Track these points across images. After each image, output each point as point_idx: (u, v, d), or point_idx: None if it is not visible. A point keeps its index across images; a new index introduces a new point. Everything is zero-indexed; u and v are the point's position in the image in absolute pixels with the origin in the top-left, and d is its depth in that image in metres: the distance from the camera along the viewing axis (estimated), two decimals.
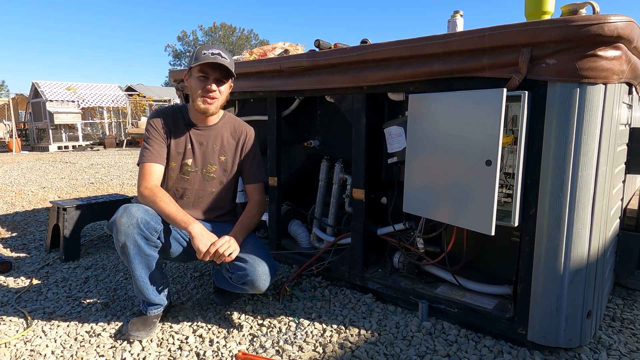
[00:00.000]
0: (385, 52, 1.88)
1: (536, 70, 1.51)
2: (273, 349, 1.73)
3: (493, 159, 1.52)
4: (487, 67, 1.61)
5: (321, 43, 2.29)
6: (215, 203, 2.01)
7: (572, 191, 1.50)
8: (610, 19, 1.36)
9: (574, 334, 1.60)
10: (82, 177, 6.89)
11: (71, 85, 14.99)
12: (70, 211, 2.81)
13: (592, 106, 1.45)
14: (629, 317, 1.98)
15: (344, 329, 1.87)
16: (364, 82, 2.00)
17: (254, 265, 1.75)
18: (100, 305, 2.11)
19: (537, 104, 1.54)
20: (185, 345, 1.77)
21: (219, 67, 1.81)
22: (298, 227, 2.75)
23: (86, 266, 2.68)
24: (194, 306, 2.11)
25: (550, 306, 1.58)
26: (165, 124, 1.92)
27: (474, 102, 1.58)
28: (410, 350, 1.70)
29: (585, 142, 1.47)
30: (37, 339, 1.82)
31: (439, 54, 1.72)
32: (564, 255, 1.54)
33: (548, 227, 1.55)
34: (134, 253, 1.70)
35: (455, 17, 2.07)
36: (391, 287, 2.09)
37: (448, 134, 1.68)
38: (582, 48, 1.42)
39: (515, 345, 1.71)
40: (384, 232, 2.24)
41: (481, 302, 1.86)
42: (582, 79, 1.43)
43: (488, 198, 1.55)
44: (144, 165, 1.87)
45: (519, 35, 1.50)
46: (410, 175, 1.86)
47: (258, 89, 2.48)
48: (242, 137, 2.02)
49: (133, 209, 1.69)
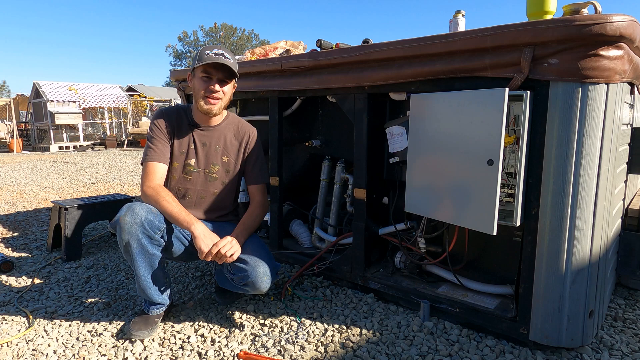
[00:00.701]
0: (387, 52, 1.88)
1: (538, 69, 1.51)
2: (275, 349, 1.73)
3: (495, 159, 1.52)
4: (489, 67, 1.61)
5: (323, 43, 2.29)
6: (218, 203, 2.01)
7: (574, 191, 1.50)
8: (613, 19, 1.36)
9: (576, 334, 1.60)
10: (83, 177, 6.89)
11: (72, 86, 15.00)
12: (72, 211, 2.81)
13: (594, 106, 1.45)
14: (631, 317, 1.98)
15: (345, 328, 1.88)
16: (366, 82, 2.00)
17: (255, 266, 1.75)
18: (102, 305, 2.12)
19: (539, 103, 1.54)
20: (187, 345, 1.77)
21: (222, 67, 1.82)
22: (299, 227, 2.75)
23: (88, 266, 2.68)
24: (196, 306, 2.11)
25: (552, 306, 1.58)
26: (169, 124, 1.92)
27: (476, 102, 1.58)
28: (412, 350, 1.70)
29: (588, 142, 1.47)
30: (39, 338, 1.82)
31: (441, 53, 1.72)
32: (566, 255, 1.54)
33: (550, 227, 1.55)
34: (137, 252, 1.71)
35: (457, 16, 2.07)
36: (393, 286, 2.09)
37: (450, 134, 1.68)
38: (584, 48, 1.42)
39: (517, 345, 1.71)
40: (386, 232, 2.24)
41: (483, 302, 1.86)
42: (584, 78, 1.43)
43: (490, 198, 1.55)
44: (148, 164, 1.87)
45: (521, 34, 1.50)
46: (411, 175, 1.86)
47: (260, 88, 2.48)
48: (245, 137, 2.02)
49: (137, 207, 1.70)
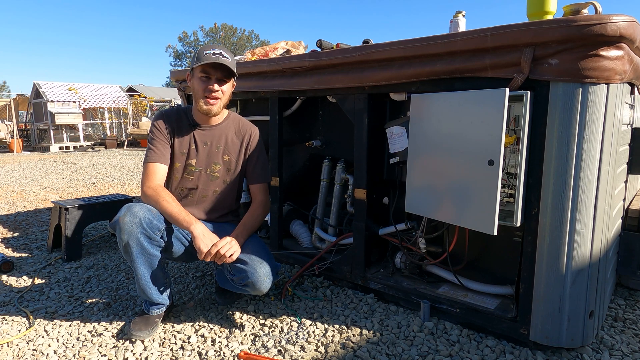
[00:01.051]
0: (387, 52, 1.88)
1: (539, 70, 1.51)
2: (275, 349, 1.73)
3: (495, 159, 1.52)
4: (490, 67, 1.61)
5: (323, 43, 2.29)
6: (219, 203, 2.01)
7: (575, 191, 1.50)
8: (613, 19, 1.36)
9: (576, 334, 1.60)
10: (84, 177, 6.89)
11: (72, 86, 15.01)
12: (72, 211, 2.81)
13: (595, 106, 1.45)
14: (631, 317, 1.98)
15: (345, 328, 1.88)
16: (366, 82, 2.00)
17: (255, 267, 1.75)
18: (102, 305, 2.12)
19: (539, 103, 1.54)
20: (188, 345, 1.77)
21: (221, 67, 1.82)
22: (300, 227, 2.75)
23: (88, 266, 2.68)
24: (196, 306, 2.11)
25: (552, 306, 1.58)
26: (169, 125, 1.92)
27: (476, 102, 1.58)
28: (412, 350, 1.70)
29: (588, 142, 1.47)
30: (40, 338, 1.82)
31: (441, 54, 1.72)
32: (566, 255, 1.54)
33: (550, 227, 1.55)
34: (137, 252, 1.71)
35: (458, 17, 2.07)
36: (393, 287, 2.09)
37: (450, 134, 1.68)
38: (585, 48, 1.42)
39: (517, 346, 1.71)
40: (386, 232, 2.24)
41: (483, 302, 1.86)
42: (585, 79, 1.43)
43: (490, 198, 1.55)
44: (148, 165, 1.87)
45: (521, 35, 1.50)
46: (412, 175, 1.86)
47: (260, 89, 2.48)
48: (247, 136, 2.02)
49: (136, 208, 1.70)
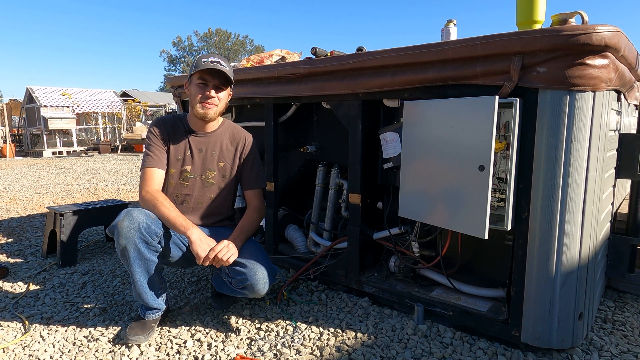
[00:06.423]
0: (380, 60, 1.92)
1: (527, 77, 1.55)
2: (271, 353, 1.75)
3: (486, 164, 1.56)
4: (480, 75, 1.65)
5: (318, 50, 2.33)
6: (214, 209, 2.03)
7: (563, 195, 1.54)
8: (598, 29, 1.41)
9: (566, 336, 1.63)
10: (77, 182, 6.86)
11: (66, 91, 14.96)
12: (67, 217, 2.81)
13: (582, 113, 1.50)
14: (620, 319, 2.01)
15: (340, 332, 1.90)
16: (360, 89, 2.03)
17: (253, 269, 1.77)
18: (98, 310, 2.12)
19: (528, 110, 1.58)
20: (184, 350, 1.78)
21: (218, 74, 1.85)
22: (295, 231, 2.77)
23: (83, 271, 2.68)
24: (192, 310, 2.12)
25: (542, 308, 1.62)
26: (165, 131, 1.95)
27: (467, 109, 1.62)
28: (406, 352, 1.73)
29: (575, 148, 1.51)
30: (36, 344, 1.83)
31: (433, 61, 1.76)
32: (555, 258, 1.58)
33: (540, 231, 1.59)
34: (134, 257, 1.72)
35: (449, 25, 2.12)
36: (387, 290, 2.11)
37: (442, 140, 1.72)
38: (572, 57, 1.46)
39: (509, 347, 1.74)
40: (380, 237, 2.27)
41: (476, 305, 1.89)
42: (572, 86, 1.47)
43: (481, 202, 1.58)
44: (146, 170, 1.89)
45: (510, 44, 1.54)
46: (405, 180, 1.89)
47: (255, 95, 2.51)
48: (241, 143, 2.05)
49: (135, 213, 1.71)
